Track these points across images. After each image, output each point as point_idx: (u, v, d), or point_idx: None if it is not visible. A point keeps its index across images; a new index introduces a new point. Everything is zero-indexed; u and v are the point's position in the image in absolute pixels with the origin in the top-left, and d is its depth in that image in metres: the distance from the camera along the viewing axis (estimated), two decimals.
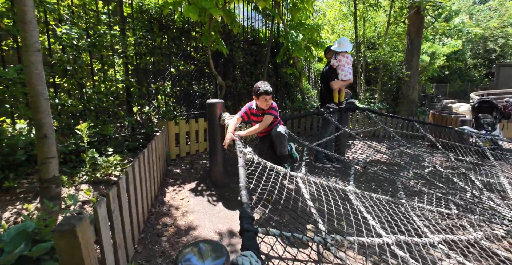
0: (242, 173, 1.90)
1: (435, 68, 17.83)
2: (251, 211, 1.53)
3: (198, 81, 5.15)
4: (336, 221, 1.67)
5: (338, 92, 3.89)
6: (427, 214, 2.36)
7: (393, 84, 7.60)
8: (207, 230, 2.41)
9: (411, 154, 4.05)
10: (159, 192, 2.91)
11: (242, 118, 2.92)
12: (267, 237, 1.43)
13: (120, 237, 1.60)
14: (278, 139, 2.76)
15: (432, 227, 2.14)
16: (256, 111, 2.91)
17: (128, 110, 4.08)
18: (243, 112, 2.94)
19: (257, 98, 2.78)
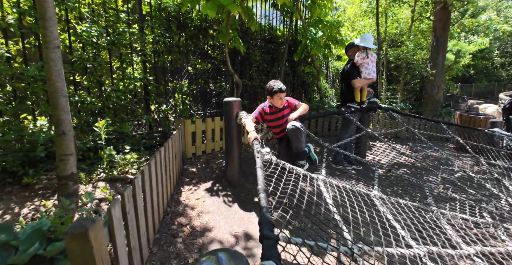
0: (260, 175, 1.80)
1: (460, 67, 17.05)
2: (270, 216, 1.44)
3: (214, 80, 5.11)
4: (363, 229, 1.54)
5: (360, 91, 3.71)
6: (460, 222, 2.18)
7: (416, 83, 7.27)
8: (222, 232, 2.34)
9: (438, 157, 3.81)
10: (175, 191, 2.87)
11: (256, 119, 2.82)
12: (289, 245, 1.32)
13: (135, 239, 1.54)
14: (293, 133, 2.63)
15: (466, 237, 1.96)
16: (270, 110, 2.82)
17: (146, 109, 4.09)
18: (257, 113, 2.84)
19: (271, 97, 2.73)
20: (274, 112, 2.83)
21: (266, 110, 2.83)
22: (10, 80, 2.74)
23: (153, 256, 1.96)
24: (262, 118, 2.85)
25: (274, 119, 2.85)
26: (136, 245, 1.57)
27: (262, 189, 1.66)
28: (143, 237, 1.71)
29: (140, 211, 1.65)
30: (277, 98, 2.69)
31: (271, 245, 1.27)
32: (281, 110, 2.85)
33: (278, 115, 2.84)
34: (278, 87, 2.66)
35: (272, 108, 2.82)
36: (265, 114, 2.84)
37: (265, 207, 1.51)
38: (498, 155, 3.98)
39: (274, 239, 1.29)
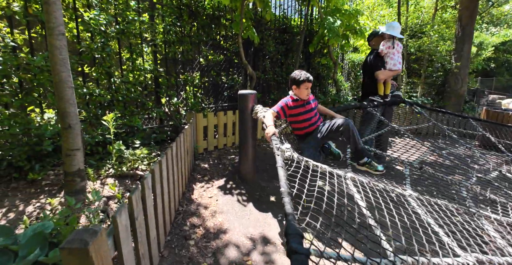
0: (282, 175, 1.61)
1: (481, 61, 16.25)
2: (298, 224, 1.24)
3: (226, 72, 4.91)
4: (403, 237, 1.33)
5: (384, 84, 3.44)
6: (505, 227, 1.94)
7: (438, 76, 6.87)
8: (237, 234, 2.17)
9: (469, 155, 3.53)
10: (186, 188, 2.71)
11: (278, 114, 2.57)
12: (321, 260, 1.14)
13: (144, 245, 1.38)
14: (350, 131, 2.46)
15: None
16: (295, 103, 2.58)
17: (156, 102, 3.94)
18: (279, 108, 2.57)
19: (297, 87, 2.51)
20: (301, 105, 2.59)
21: (290, 104, 2.58)
22: (16, 71, 2.62)
23: (164, 260, 1.81)
24: (284, 113, 2.60)
25: (302, 113, 2.59)
26: (146, 252, 1.41)
27: (285, 192, 1.47)
28: (153, 243, 1.56)
29: (150, 214, 1.48)
30: (304, 88, 2.49)
31: (301, 262, 1.07)
32: (309, 103, 2.63)
33: (306, 108, 2.61)
34: (305, 76, 2.46)
35: (298, 101, 2.58)
36: (289, 108, 2.58)
37: (291, 214, 1.31)
38: None
39: (304, 254, 1.10)
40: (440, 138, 5.39)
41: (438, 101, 6.85)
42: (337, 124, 2.47)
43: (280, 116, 2.59)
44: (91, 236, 0.86)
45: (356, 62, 8.56)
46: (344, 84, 8.57)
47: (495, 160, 3.49)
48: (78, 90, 3.04)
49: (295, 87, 2.53)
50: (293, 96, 2.60)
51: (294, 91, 2.56)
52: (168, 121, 3.98)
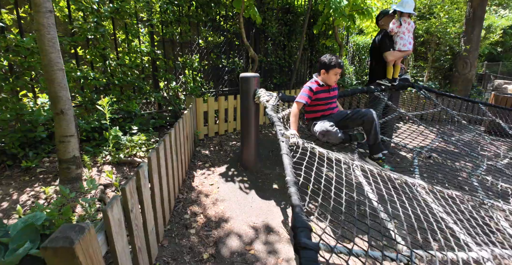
0: (288, 163, 1.51)
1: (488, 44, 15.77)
2: (307, 217, 1.15)
3: (227, 55, 4.72)
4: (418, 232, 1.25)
5: (394, 67, 3.27)
6: None
7: (446, 60, 6.62)
8: (239, 223, 2.11)
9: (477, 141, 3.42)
10: (187, 175, 2.63)
11: (305, 104, 2.37)
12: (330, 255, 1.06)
13: (141, 239, 1.31)
14: (373, 123, 2.36)
15: None
16: (322, 88, 2.42)
17: (154, 86, 3.79)
18: (306, 97, 2.35)
19: (326, 71, 2.36)
20: (326, 90, 2.44)
21: (317, 90, 2.39)
22: (5, 53, 2.47)
23: (164, 250, 1.75)
24: (310, 99, 2.40)
25: (326, 98, 2.45)
26: (143, 245, 1.34)
27: (292, 181, 1.37)
28: (151, 234, 1.48)
29: (147, 204, 1.40)
30: (333, 74, 2.34)
31: (310, 258, 0.98)
32: (334, 90, 2.51)
33: (331, 94, 2.48)
34: (337, 61, 2.31)
35: (323, 87, 2.42)
36: (315, 93, 2.40)
37: (298, 205, 1.22)
38: None
39: (313, 250, 1.01)
40: (447, 124, 5.26)
41: (445, 85, 6.65)
42: (360, 112, 2.36)
43: (308, 103, 2.40)
44: (77, 233, 0.76)
45: (361, 45, 8.28)
46: (348, 68, 8.33)
47: (505, 146, 3.39)
48: (72, 73, 2.90)
49: (324, 72, 2.36)
50: (318, 81, 2.43)
51: (322, 75, 2.40)
52: (167, 107, 3.86)
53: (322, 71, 2.38)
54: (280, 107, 2.71)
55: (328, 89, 2.46)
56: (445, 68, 6.75)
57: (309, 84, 2.42)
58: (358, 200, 2.31)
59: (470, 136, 3.43)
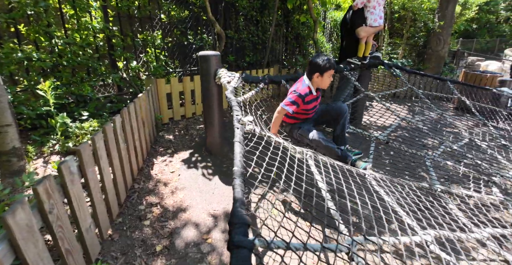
0: (238, 152, 1.40)
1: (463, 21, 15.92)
2: (246, 211, 1.07)
3: (194, 31, 4.40)
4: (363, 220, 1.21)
5: (365, 44, 3.16)
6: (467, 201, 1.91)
7: (420, 36, 6.59)
8: (199, 211, 2.04)
9: (442, 120, 3.47)
10: (145, 163, 2.49)
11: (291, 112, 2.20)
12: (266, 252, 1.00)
13: (70, 241, 1.19)
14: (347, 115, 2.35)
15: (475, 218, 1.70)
16: (310, 97, 2.24)
17: (112, 66, 3.50)
18: (294, 106, 2.17)
19: (320, 75, 2.15)
20: (315, 99, 2.29)
21: (307, 99, 2.20)
22: None
23: (113, 245, 1.66)
24: (297, 109, 2.23)
25: (313, 107, 2.33)
26: (75, 246, 1.23)
27: (238, 172, 1.27)
28: (88, 232, 1.37)
29: (78, 202, 1.27)
30: (327, 76, 2.17)
31: (242, 257, 0.91)
32: (318, 98, 2.38)
33: (317, 101, 2.36)
34: (331, 62, 2.12)
35: (312, 95, 2.25)
36: (304, 103, 2.21)
37: (240, 199, 1.13)
38: (504, 117, 3.66)
39: (247, 248, 0.93)
40: (416, 102, 5.33)
41: (418, 63, 6.68)
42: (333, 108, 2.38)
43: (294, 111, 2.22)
44: None
45: (338, 21, 8.05)
46: (325, 45, 8.15)
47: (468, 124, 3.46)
48: (13, 54, 2.59)
49: (318, 75, 2.16)
50: (310, 87, 2.22)
51: (315, 79, 2.19)
52: (128, 89, 3.60)
53: (316, 75, 2.17)
54: (243, 90, 2.56)
55: (316, 97, 2.31)
56: (420, 45, 6.73)
57: (301, 92, 2.18)
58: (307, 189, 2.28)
59: (433, 115, 3.47)
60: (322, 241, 1.02)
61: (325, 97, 5.46)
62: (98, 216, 1.52)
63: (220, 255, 1.70)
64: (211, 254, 1.70)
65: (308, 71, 2.23)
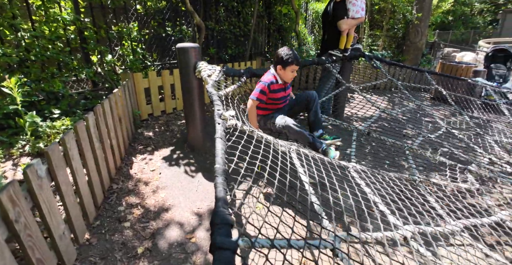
0: (220, 149, 1.35)
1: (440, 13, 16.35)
2: (229, 211, 1.04)
3: (172, 22, 4.24)
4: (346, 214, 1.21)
5: (347, 36, 3.15)
6: (444, 191, 1.96)
7: (400, 28, 6.69)
8: (182, 210, 1.99)
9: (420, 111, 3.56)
10: (123, 162, 2.39)
11: (260, 102, 2.22)
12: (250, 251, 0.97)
13: (41, 249, 1.11)
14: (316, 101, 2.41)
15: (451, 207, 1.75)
16: (279, 86, 2.27)
17: (85, 60, 3.31)
18: (261, 94, 2.19)
19: (283, 68, 2.18)
20: (283, 89, 2.30)
21: (273, 88, 2.23)
22: None
23: (91, 250, 1.58)
24: (266, 97, 2.25)
25: (281, 97, 2.33)
26: (47, 254, 1.15)
27: (220, 169, 1.23)
28: (62, 239, 1.29)
29: (48, 207, 1.19)
30: (289, 71, 2.18)
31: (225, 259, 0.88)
32: (288, 87, 2.39)
33: (286, 92, 2.36)
34: (294, 57, 2.14)
35: (279, 85, 2.26)
36: (270, 92, 2.24)
37: (222, 198, 1.09)
38: (479, 107, 3.80)
39: (230, 250, 0.90)
40: (396, 93, 5.45)
41: (398, 54, 6.80)
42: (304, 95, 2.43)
43: (264, 101, 2.25)
44: None
45: (320, 12, 8.02)
46: (307, 37, 8.12)
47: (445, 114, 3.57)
48: None
49: (280, 68, 2.19)
50: (276, 76, 2.24)
51: (278, 71, 2.22)
52: (103, 84, 3.43)
53: (278, 67, 2.21)
54: (224, 83, 2.49)
55: (284, 87, 2.32)
56: (399, 37, 6.85)
57: (266, 80, 2.21)
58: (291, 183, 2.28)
59: (412, 105, 3.54)
60: (306, 237, 1.01)
61: (308, 88, 5.47)
62: (72, 221, 1.43)
63: (205, 254, 1.66)
64: (196, 253, 1.66)
65: (274, 62, 2.28)
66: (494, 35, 18.21)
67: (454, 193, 2.01)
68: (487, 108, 3.90)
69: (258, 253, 1.59)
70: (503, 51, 5.36)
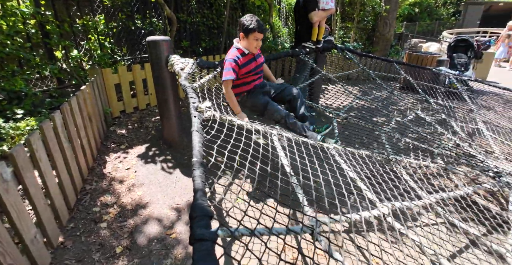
0: (197, 142, 1.34)
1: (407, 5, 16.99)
2: (208, 203, 1.04)
3: (142, 14, 4.07)
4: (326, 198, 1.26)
5: (318, 28, 3.20)
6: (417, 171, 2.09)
7: (369, 20, 6.89)
8: (161, 207, 1.96)
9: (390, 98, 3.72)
10: (95, 162, 2.31)
11: (233, 80, 2.12)
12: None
13: (13, 255, 1.06)
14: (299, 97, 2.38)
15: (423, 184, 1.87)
16: (245, 59, 2.15)
17: (49, 56, 3.12)
18: (232, 71, 2.08)
19: (245, 36, 2.06)
20: (252, 59, 2.18)
21: (240, 62, 2.12)
22: None
23: (66, 253, 1.53)
24: (236, 75, 2.14)
25: (253, 69, 2.20)
26: (19, 260, 1.10)
27: (198, 162, 1.22)
28: (34, 243, 1.24)
29: (16, 212, 1.13)
30: (253, 39, 2.05)
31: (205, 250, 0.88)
32: (259, 56, 2.27)
33: (257, 62, 2.24)
34: (256, 24, 2.00)
35: (247, 56, 2.15)
36: (240, 67, 2.13)
37: (201, 190, 1.10)
38: (443, 94, 4.03)
39: (210, 240, 0.91)
40: (367, 83, 5.64)
41: (368, 45, 7.01)
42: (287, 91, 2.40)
43: (235, 79, 2.14)
44: None
45: (293, 5, 8.05)
46: (281, 29, 8.14)
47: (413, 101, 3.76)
48: None
49: (243, 36, 2.06)
50: (241, 48, 2.13)
51: (242, 41, 2.10)
52: (70, 81, 3.25)
53: (241, 35, 2.09)
54: (198, 75, 2.45)
55: (253, 57, 2.21)
56: (369, 29, 7.04)
57: (231, 57, 2.11)
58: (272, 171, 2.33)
59: (383, 93, 3.70)
60: (288, 224, 1.04)
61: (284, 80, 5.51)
62: (44, 224, 1.37)
63: (186, 248, 1.66)
64: (177, 248, 1.66)
65: (237, 31, 2.18)
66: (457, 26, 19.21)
67: (424, 172, 2.15)
68: (451, 95, 4.15)
69: (240, 244, 1.61)
70: (464, 41, 5.69)
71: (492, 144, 2.74)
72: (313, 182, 1.35)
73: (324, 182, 1.43)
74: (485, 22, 17.37)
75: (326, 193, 1.32)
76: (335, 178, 1.49)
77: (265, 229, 1.08)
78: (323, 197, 1.34)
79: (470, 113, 3.53)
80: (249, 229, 1.05)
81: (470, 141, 2.86)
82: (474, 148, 2.64)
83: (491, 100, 4.00)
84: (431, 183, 1.90)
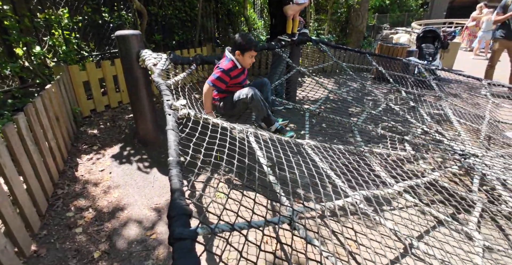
0: (173, 141, 1.31)
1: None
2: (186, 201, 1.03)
3: (110, 7, 3.87)
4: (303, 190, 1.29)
5: (292, 21, 3.20)
6: (387, 159, 2.18)
7: (342, 12, 6.99)
8: (139, 208, 1.92)
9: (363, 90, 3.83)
10: (66, 165, 2.20)
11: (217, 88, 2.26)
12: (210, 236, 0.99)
13: None
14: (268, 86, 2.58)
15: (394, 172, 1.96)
16: (237, 71, 2.31)
17: (8, 54, 2.90)
18: (222, 83, 2.24)
19: (241, 53, 2.21)
20: (242, 72, 2.35)
21: (232, 74, 2.26)
22: None
23: (40, 261, 1.46)
24: (225, 84, 2.28)
25: (242, 81, 2.38)
26: None
27: (174, 161, 1.19)
28: (4, 253, 1.17)
29: None
30: (248, 56, 2.23)
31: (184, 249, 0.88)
32: (245, 70, 2.43)
33: (245, 74, 2.43)
34: (253, 43, 2.20)
35: (239, 69, 2.30)
36: (232, 78, 2.28)
37: (178, 189, 1.08)
38: (412, 83, 4.21)
39: (189, 239, 0.90)
40: (342, 75, 5.76)
41: (342, 37, 7.13)
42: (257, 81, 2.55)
43: (222, 88, 2.27)
44: None
45: None
46: (257, 22, 8.07)
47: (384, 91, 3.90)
48: None
49: (239, 53, 2.22)
50: (234, 61, 2.26)
51: (237, 56, 2.25)
52: (33, 80, 3.05)
53: (237, 53, 2.24)
54: (172, 72, 2.39)
55: (243, 70, 2.37)
56: (342, 21, 7.15)
57: (225, 67, 2.23)
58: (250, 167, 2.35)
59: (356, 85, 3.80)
60: (266, 216, 1.06)
61: (261, 74, 5.51)
62: (14, 233, 1.30)
63: (168, 248, 1.65)
64: (158, 248, 1.63)
65: (232, 47, 2.30)
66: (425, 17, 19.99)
67: (394, 160, 2.25)
68: (420, 84, 4.34)
69: (222, 239, 1.62)
70: (432, 32, 5.94)
71: (458, 128, 2.91)
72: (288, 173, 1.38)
73: (299, 173, 1.46)
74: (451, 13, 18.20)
75: (301, 183, 1.35)
76: (309, 169, 1.53)
77: (244, 223, 1.09)
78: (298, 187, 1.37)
79: (438, 101, 3.72)
80: (229, 224, 1.06)
81: (438, 126, 3.02)
82: (441, 133, 2.80)
83: (457, 88, 4.23)
84: (403, 170, 1.99)
